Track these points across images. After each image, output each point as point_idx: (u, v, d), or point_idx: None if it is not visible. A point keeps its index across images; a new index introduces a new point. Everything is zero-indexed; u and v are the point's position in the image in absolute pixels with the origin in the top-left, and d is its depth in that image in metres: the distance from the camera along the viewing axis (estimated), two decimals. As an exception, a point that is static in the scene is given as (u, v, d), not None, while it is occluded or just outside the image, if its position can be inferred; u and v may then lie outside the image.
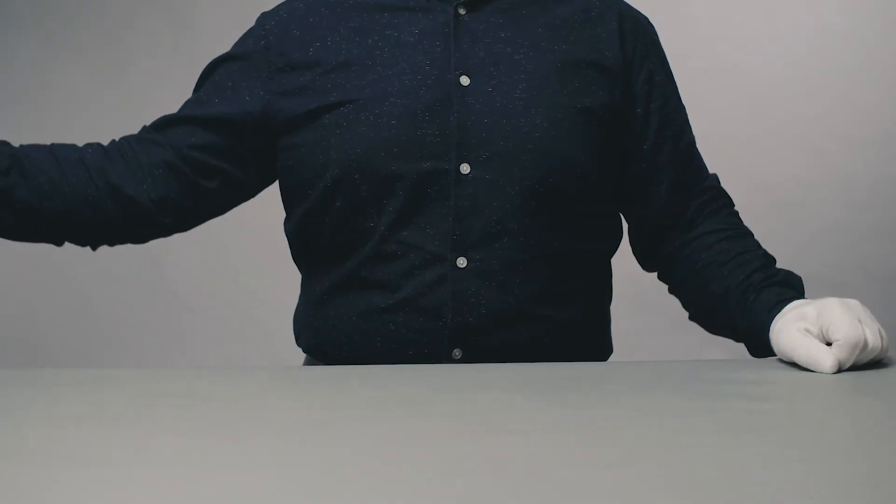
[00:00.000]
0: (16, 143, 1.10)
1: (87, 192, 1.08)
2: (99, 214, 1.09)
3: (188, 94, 1.16)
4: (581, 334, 1.11)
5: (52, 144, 1.10)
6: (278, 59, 1.09)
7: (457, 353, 1.05)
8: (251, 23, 1.15)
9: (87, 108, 3.04)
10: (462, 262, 1.04)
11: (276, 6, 1.15)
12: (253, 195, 1.18)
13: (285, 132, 1.09)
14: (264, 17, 1.14)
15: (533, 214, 1.05)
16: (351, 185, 1.05)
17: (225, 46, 1.16)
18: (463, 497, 0.53)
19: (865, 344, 0.88)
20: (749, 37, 2.87)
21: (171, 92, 3.14)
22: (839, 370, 0.87)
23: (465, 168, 1.04)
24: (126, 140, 1.13)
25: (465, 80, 1.05)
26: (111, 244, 1.15)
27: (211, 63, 1.15)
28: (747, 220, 1.15)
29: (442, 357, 1.04)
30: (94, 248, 1.15)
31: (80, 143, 1.13)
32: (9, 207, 1.05)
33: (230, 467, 0.60)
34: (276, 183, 1.15)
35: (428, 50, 1.06)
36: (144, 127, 1.15)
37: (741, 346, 1.07)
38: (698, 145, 1.18)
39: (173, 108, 1.15)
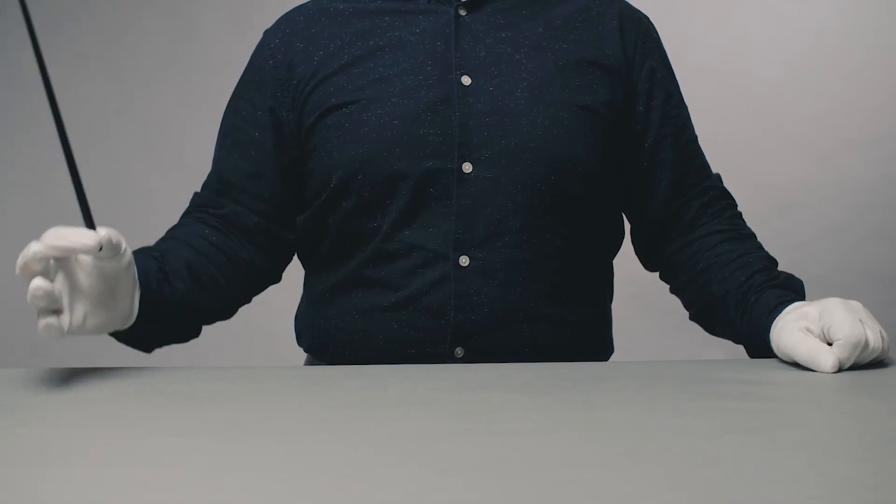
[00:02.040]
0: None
1: (232, 290, 1.10)
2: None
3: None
4: (583, 334, 1.11)
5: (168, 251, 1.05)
6: (286, 75, 1.10)
7: (459, 351, 1.05)
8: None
9: (87, 109, 3.04)
10: (464, 260, 1.04)
11: (277, 21, 1.15)
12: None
13: (305, 140, 1.10)
14: (267, 36, 1.14)
15: (535, 213, 1.05)
16: (355, 186, 1.05)
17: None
18: (463, 497, 0.53)
19: (866, 344, 0.88)
20: (749, 37, 2.87)
21: (171, 92, 3.15)
22: (839, 370, 0.87)
23: (467, 167, 1.04)
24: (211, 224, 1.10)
25: (466, 80, 1.05)
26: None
27: (235, 89, 1.15)
28: (747, 221, 1.15)
29: (444, 355, 1.05)
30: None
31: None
32: (192, 316, 1.05)
33: (230, 467, 0.60)
34: None
35: (429, 50, 1.07)
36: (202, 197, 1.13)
37: (741, 347, 1.07)
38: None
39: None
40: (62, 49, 3.08)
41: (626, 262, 1.23)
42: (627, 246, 1.19)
